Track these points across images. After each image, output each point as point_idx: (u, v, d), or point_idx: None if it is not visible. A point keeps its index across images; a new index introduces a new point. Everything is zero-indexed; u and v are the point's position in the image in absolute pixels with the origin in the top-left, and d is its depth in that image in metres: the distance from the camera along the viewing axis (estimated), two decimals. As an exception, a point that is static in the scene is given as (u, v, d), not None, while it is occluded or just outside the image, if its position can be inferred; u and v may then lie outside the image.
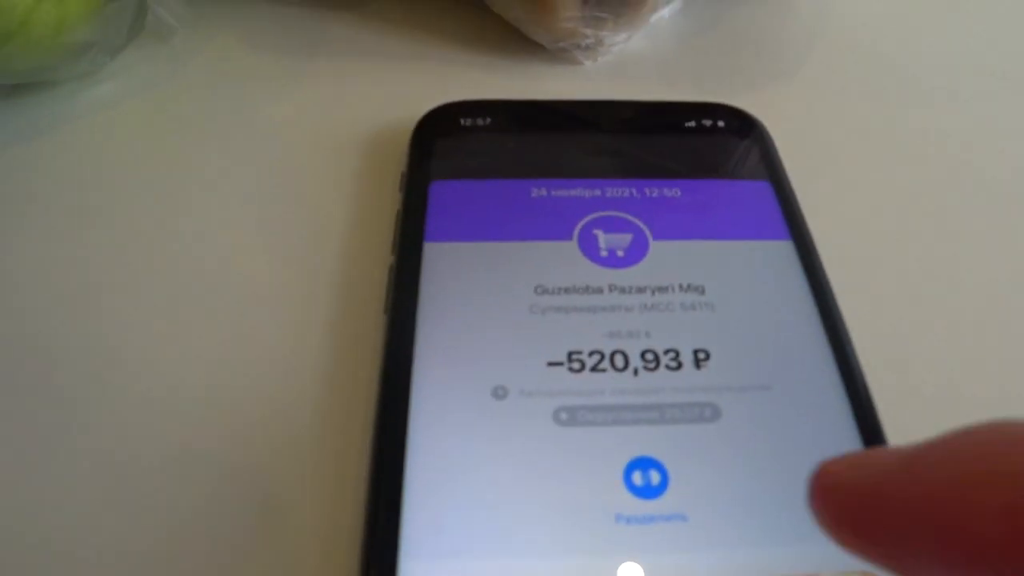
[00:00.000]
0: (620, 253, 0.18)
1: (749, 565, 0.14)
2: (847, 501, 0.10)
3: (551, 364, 0.16)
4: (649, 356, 0.17)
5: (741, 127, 0.22)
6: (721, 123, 0.22)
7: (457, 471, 0.15)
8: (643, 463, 0.15)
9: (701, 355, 0.17)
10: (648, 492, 0.15)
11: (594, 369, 0.16)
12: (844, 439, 0.16)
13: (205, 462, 0.16)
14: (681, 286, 0.18)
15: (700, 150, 0.21)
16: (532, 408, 0.16)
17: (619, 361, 0.16)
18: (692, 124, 0.21)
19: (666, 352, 0.17)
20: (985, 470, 0.08)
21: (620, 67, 0.25)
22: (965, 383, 0.18)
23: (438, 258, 0.18)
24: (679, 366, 0.16)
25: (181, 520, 0.15)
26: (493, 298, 0.17)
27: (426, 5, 0.27)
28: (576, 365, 0.16)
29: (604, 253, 0.18)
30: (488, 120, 0.21)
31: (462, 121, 0.21)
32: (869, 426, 0.16)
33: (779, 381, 0.16)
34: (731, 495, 0.15)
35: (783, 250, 0.19)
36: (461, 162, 0.20)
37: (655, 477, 0.15)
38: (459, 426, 0.15)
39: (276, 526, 0.16)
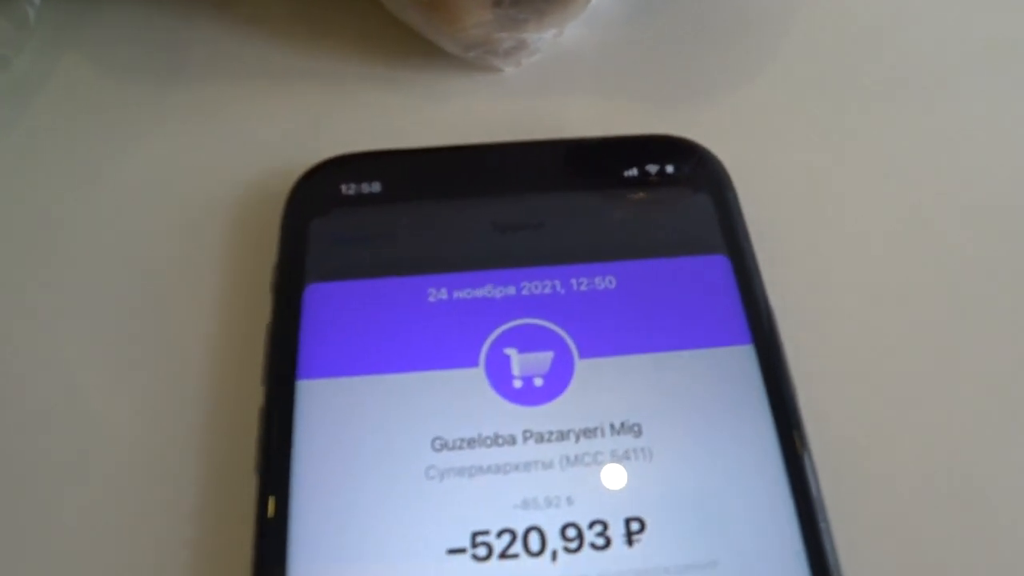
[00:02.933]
0: (538, 381, 0.15)
1: None
2: None
3: (451, 552, 0.13)
4: (571, 532, 0.13)
5: (694, 170, 0.17)
6: (669, 167, 0.17)
7: None
8: None
9: (634, 526, 0.14)
10: None
11: (504, 555, 0.13)
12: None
13: None
14: (612, 426, 0.14)
15: (641, 210, 0.17)
16: (429, 617, 0.13)
17: (534, 542, 0.13)
18: (632, 172, 0.17)
19: (591, 525, 0.13)
20: None
21: (547, 72, 0.20)
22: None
23: (315, 400, 0.15)
24: (607, 543, 0.13)
25: None
26: (383, 459, 0.14)
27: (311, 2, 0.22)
28: (482, 551, 0.13)
29: (518, 383, 0.15)
30: (376, 184, 0.17)
31: (343, 188, 0.17)
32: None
33: (728, 554, 0.13)
34: None
35: (741, 360, 0.15)
36: (343, 252, 0.16)
37: None
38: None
39: None
